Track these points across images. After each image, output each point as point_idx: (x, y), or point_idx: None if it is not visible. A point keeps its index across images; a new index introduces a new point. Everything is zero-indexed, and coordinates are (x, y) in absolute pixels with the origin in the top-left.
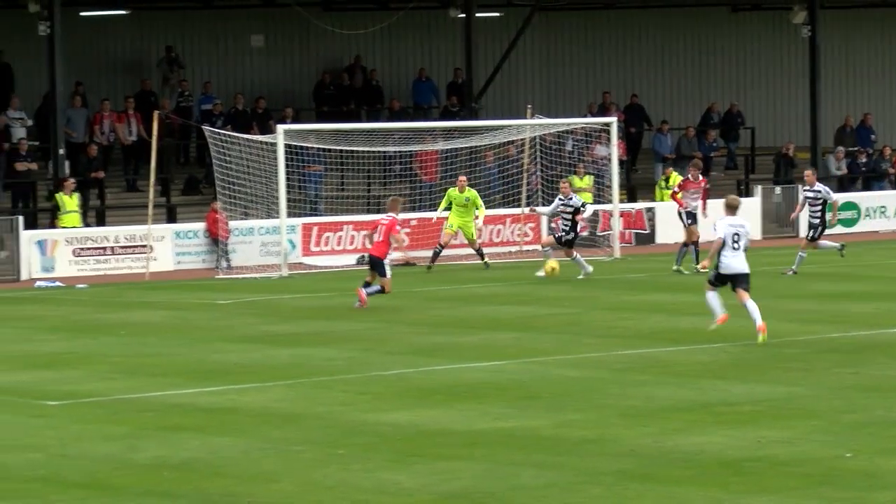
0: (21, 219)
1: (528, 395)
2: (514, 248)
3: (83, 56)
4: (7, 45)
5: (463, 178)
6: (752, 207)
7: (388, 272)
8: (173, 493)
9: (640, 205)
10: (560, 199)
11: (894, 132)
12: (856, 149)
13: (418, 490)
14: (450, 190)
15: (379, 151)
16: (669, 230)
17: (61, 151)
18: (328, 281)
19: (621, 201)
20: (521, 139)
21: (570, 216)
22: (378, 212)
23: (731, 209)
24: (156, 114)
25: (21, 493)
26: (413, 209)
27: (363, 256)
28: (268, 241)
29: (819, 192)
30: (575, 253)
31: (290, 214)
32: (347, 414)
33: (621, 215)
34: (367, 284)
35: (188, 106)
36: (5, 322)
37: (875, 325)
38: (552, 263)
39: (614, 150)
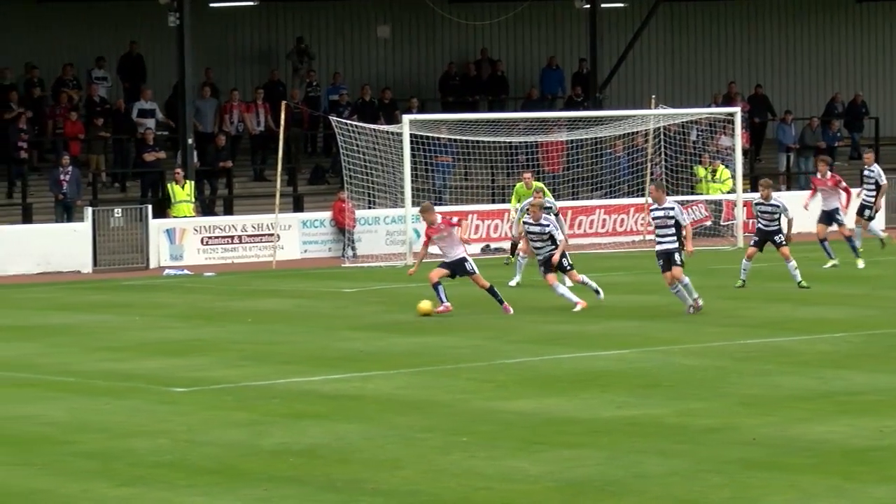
0: (150, 207)
1: (651, 383)
2: (637, 238)
3: (212, 47)
4: (138, 36)
5: (528, 174)
6: None
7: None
8: (299, 479)
9: None
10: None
11: None
12: None
13: (543, 477)
14: (517, 185)
15: (504, 142)
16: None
17: (190, 141)
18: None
19: (744, 191)
20: (646, 129)
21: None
22: (503, 201)
23: None
24: (283, 104)
25: (149, 479)
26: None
27: (488, 245)
28: (393, 230)
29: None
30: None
31: (415, 204)
32: (471, 401)
33: (745, 205)
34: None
35: (316, 96)
36: (134, 309)
37: None
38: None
39: (738, 141)
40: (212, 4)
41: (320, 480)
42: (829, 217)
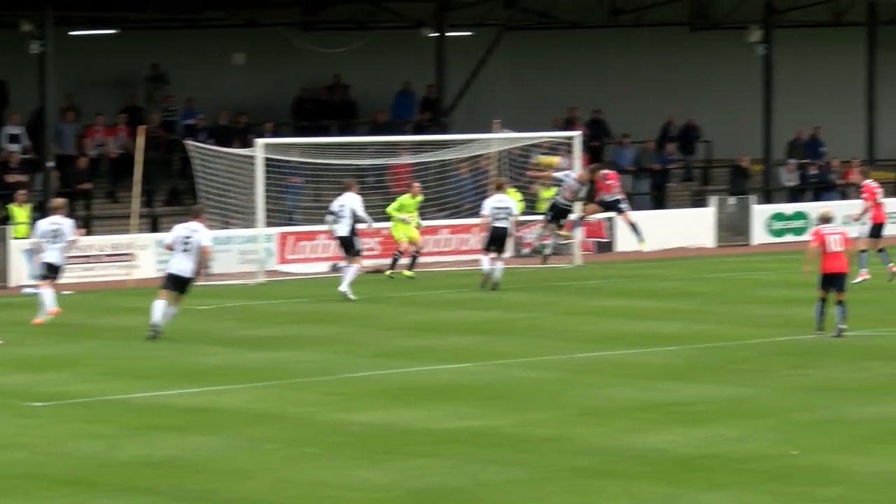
0: (11, 228)
1: (493, 395)
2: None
3: (76, 72)
4: (1, 63)
5: (417, 185)
6: (707, 217)
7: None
8: (153, 490)
9: (601, 214)
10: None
11: (842, 145)
12: (806, 161)
13: (387, 486)
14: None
15: (353, 164)
16: (628, 239)
17: (50, 164)
18: (303, 287)
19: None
20: (489, 152)
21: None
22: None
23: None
24: (140, 128)
25: (8, 490)
26: (387, 219)
27: (335, 264)
28: (246, 250)
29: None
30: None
31: (267, 224)
32: (320, 414)
33: (582, 224)
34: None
35: (173, 120)
36: None
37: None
38: None
39: (577, 163)
40: (72, 32)
41: (174, 491)
42: None
